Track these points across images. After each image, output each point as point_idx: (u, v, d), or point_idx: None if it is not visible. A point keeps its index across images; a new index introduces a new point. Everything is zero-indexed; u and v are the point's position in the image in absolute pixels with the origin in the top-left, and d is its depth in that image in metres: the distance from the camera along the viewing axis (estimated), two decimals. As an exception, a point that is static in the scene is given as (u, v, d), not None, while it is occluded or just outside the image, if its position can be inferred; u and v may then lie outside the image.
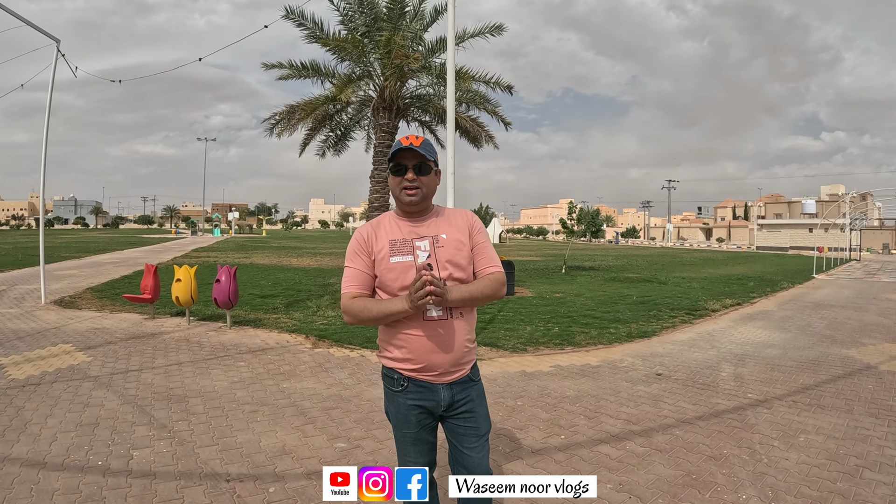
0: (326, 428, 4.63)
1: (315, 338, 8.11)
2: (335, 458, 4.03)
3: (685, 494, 3.63)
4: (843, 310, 13.00)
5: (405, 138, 2.29)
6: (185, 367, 6.39)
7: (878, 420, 5.15)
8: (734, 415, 5.24)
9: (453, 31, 7.49)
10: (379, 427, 4.68)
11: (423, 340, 2.23)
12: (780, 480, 3.85)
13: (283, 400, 5.30)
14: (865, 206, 67.82)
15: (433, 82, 12.90)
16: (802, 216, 77.11)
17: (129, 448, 4.05)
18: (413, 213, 2.35)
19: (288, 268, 21.08)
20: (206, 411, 4.91)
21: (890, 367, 7.26)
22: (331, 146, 14.54)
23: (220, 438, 4.30)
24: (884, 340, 9.10)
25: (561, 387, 6.03)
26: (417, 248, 2.28)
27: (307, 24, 11.86)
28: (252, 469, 3.80)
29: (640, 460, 4.16)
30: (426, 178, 2.30)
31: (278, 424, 4.66)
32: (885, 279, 23.12)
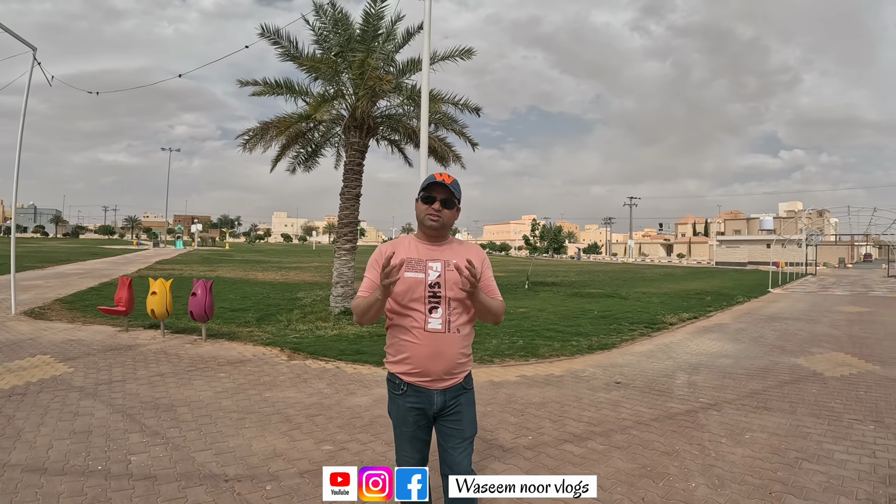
0: (312, 433, 4.89)
1: (290, 350, 8.32)
2: (324, 459, 4.29)
3: (641, 483, 4.06)
4: (795, 322, 13.76)
5: (439, 174, 2.62)
6: (167, 378, 6.54)
7: (819, 419, 5.70)
8: (687, 417, 5.72)
9: (427, 61, 7.89)
10: (361, 431, 4.98)
11: (421, 349, 2.53)
12: (727, 471, 4.31)
13: (267, 408, 5.53)
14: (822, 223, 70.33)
15: (404, 103, 13.22)
16: (761, 232, 79.19)
17: (125, 453, 4.23)
18: (431, 237, 2.66)
19: (254, 282, 21.10)
20: (195, 419, 5.10)
21: (834, 373, 7.90)
22: (301, 162, 14.73)
23: (212, 443, 4.52)
24: (831, 350, 9.78)
25: (527, 394, 6.41)
26: (430, 267, 2.58)
27: (282, 43, 12.12)
28: (248, 470, 4.03)
29: (601, 456, 4.58)
30: (448, 212, 2.64)
31: (266, 430, 4.90)
32: (839, 293, 24.23)
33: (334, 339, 9.37)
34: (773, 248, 43.79)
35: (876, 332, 12.11)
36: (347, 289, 12.71)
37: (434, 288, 2.56)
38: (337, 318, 11.56)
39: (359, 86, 11.58)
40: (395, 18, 12.32)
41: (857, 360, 8.82)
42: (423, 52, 7.86)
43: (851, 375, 7.77)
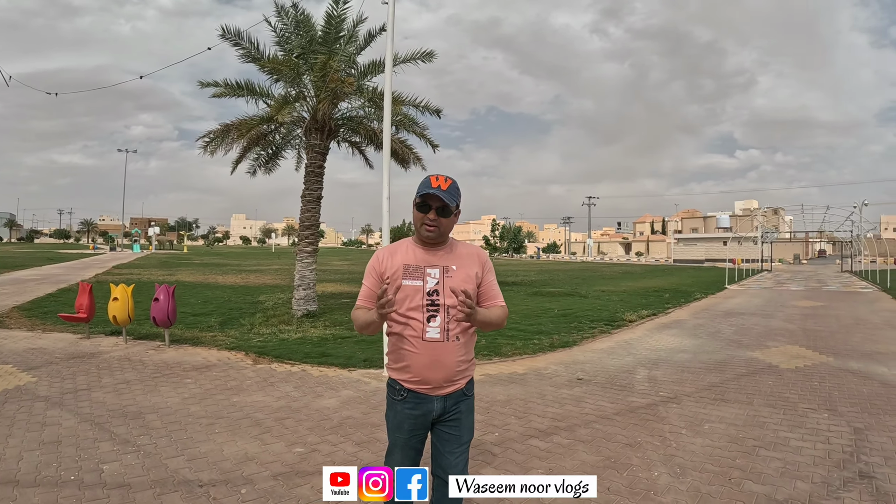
0: (283, 436, 4.94)
1: (255, 354, 8.30)
2: (295, 461, 4.36)
3: (606, 474, 4.25)
4: (751, 317, 14.26)
5: (435, 179, 2.53)
6: (133, 385, 6.47)
7: (775, 409, 6.02)
8: (647, 410, 5.97)
9: (390, 64, 7.95)
10: (331, 433, 5.06)
11: (421, 358, 2.50)
12: (687, 460, 4.55)
13: (236, 413, 5.55)
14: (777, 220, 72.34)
15: (365, 105, 13.26)
16: (717, 230, 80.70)
17: (97, 462, 4.20)
18: (430, 244, 2.61)
19: (215, 285, 20.80)
20: (164, 426, 5.09)
21: (790, 365, 8.28)
22: (262, 164, 14.62)
23: (184, 449, 4.52)
24: (786, 343, 10.22)
25: (491, 392, 6.57)
26: (428, 274, 2.54)
27: (244, 45, 12.06)
28: (221, 475, 4.06)
29: (566, 450, 4.77)
30: (446, 220, 2.56)
31: (237, 435, 4.92)
32: (794, 288, 25.07)
33: (298, 342, 9.39)
34: (730, 246, 45.04)
35: (829, 326, 12.68)
36: (310, 291, 12.70)
37: (432, 296, 2.52)
38: (300, 322, 11.56)
39: (320, 88, 11.59)
40: (357, 20, 12.37)
41: (811, 353, 9.26)
42: (387, 54, 7.91)
43: (806, 367, 8.16)
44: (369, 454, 4.58)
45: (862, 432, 5.28)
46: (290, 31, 12.29)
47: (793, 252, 73.03)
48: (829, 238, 61.98)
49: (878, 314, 15.03)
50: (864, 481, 4.17)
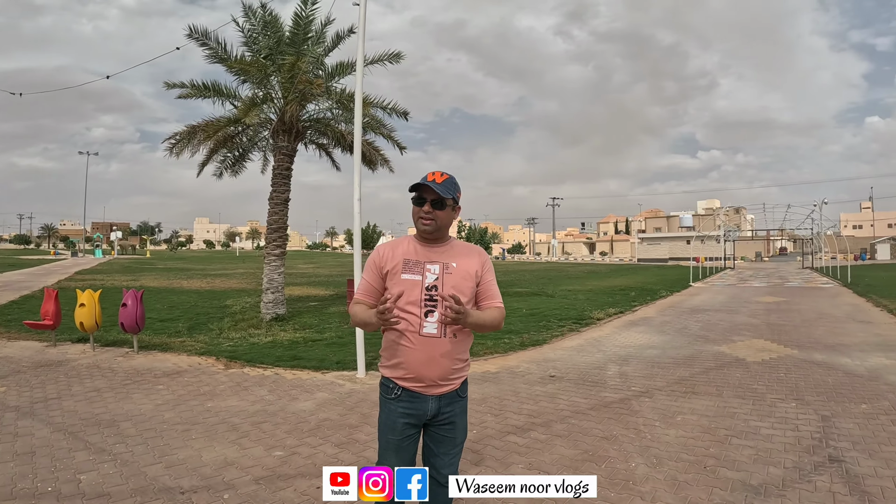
0: (261, 440, 4.91)
1: (226, 359, 8.20)
2: (276, 464, 4.35)
3: (585, 467, 4.37)
4: (716, 313, 14.63)
5: (431, 174, 2.53)
6: (104, 392, 6.33)
7: (744, 400, 6.24)
8: (621, 404, 6.12)
9: (361, 67, 7.95)
10: (309, 435, 5.06)
11: (416, 353, 2.46)
12: (663, 451, 4.70)
13: (212, 418, 5.48)
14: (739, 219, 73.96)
15: (332, 106, 13.20)
16: (680, 229, 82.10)
17: (74, 472, 4.11)
18: (429, 239, 2.59)
19: (180, 290, 20.46)
20: (139, 433, 5.00)
21: (756, 358, 8.56)
22: (228, 167, 14.41)
23: (162, 456, 4.46)
24: (752, 337, 10.55)
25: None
26: (427, 270, 2.52)
27: (210, 45, 11.90)
28: (202, 481, 4.02)
29: (544, 445, 4.87)
30: (442, 213, 2.53)
31: (214, 440, 4.87)
32: (757, 284, 25.76)
33: (269, 345, 9.31)
34: (693, 245, 45.84)
35: (792, 320, 13.12)
36: (278, 295, 12.59)
37: (431, 291, 2.50)
38: (269, 325, 11.45)
39: (289, 89, 11.50)
40: (325, 21, 12.31)
41: (776, 346, 9.57)
42: (358, 56, 7.91)
43: (772, 360, 8.45)
44: (349, 455, 4.59)
45: (829, 419, 5.52)
46: (257, 31, 12.18)
47: (755, 250, 74.84)
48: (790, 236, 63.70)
49: (839, 308, 15.58)
50: (833, 465, 4.36)
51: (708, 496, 3.85)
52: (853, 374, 7.41)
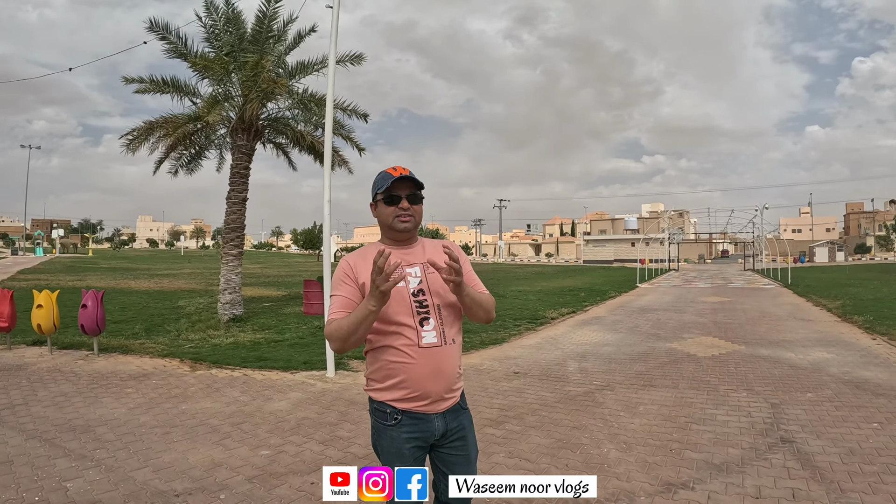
0: (244, 440, 4.92)
1: (191, 361, 8.11)
2: (265, 463, 4.38)
3: (561, 454, 4.66)
4: (665, 312, 15.23)
5: (393, 169, 2.29)
6: (72, 397, 6.16)
7: (699, 391, 6.68)
8: (585, 397, 6.44)
9: (333, 68, 8.00)
10: (292, 433, 5.11)
11: (418, 368, 2.20)
12: (630, 437, 5.04)
13: (189, 420, 5.44)
14: (682, 222, 76.30)
15: (292, 106, 13.13)
16: (625, 232, 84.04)
17: (59, 481, 4.00)
18: (401, 240, 2.35)
19: (129, 291, 19.92)
20: (118, 438, 4.92)
21: (706, 354, 9.06)
22: (184, 164, 14.11)
23: (147, 460, 4.41)
24: (700, 335, 11.11)
25: None
26: (409, 274, 2.27)
27: (171, 39, 11.68)
28: (194, 483, 4.00)
29: (520, 435, 5.11)
30: (418, 207, 2.33)
31: (197, 442, 4.85)
32: (701, 285, 26.79)
33: (232, 347, 9.24)
34: (638, 247, 47.37)
35: (738, 318, 13.84)
36: (236, 295, 12.49)
37: (419, 296, 2.26)
38: (228, 326, 11.34)
39: (250, 88, 11.37)
40: (288, 20, 12.24)
41: (724, 342, 10.11)
42: (330, 59, 7.94)
43: (721, 355, 8.95)
44: (336, 451, 4.68)
45: (778, 406, 5.99)
46: (219, 27, 12.01)
47: (698, 252, 77.51)
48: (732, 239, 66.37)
49: (781, 307, 16.50)
50: (786, 445, 4.80)
51: (676, 474, 4.21)
52: (797, 367, 7.96)
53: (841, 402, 6.12)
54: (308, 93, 12.69)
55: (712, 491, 3.92)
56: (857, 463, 4.36)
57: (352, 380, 7.26)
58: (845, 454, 4.55)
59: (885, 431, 5.11)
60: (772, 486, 3.98)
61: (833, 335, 10.93)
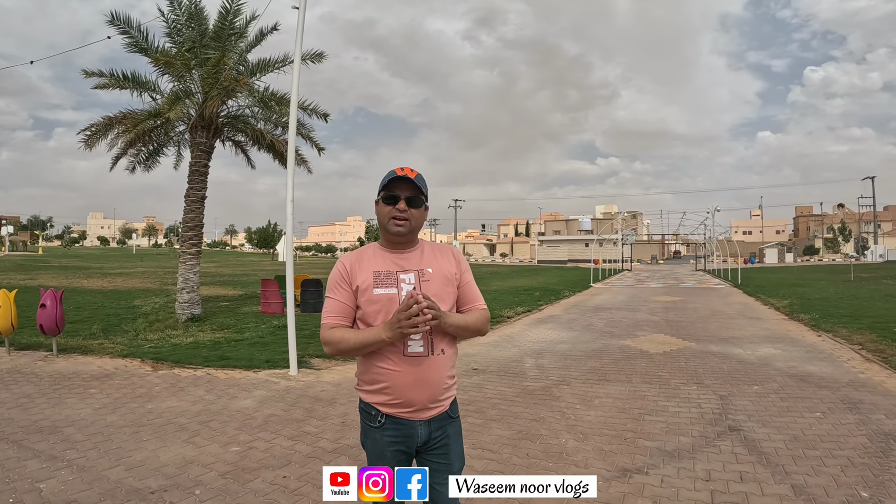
0: (214, 437, 5.00)
1: (152, 361, 8.08)
2: (237, 459, 4.48)
3: (522, 444, 4.92)
4: (618, 311, 15.74)
5: (399, 168, 2.25)
6: (36, 399, 6.10)
7: (651, 385, 7.05)
8: (543, 392, 6.74)
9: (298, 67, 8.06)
10: (261, 430, 5.22)
11: (402, 376, 2.19)
12: (587, 428, 5.35)
13: (157, 419, 5.47)
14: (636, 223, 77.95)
15: (252, 104, 13.07)
16: (579, 232, 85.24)
17: (31, 482, 3.99)
18: (398, 244, 2.30)
19: (82, 290, 19.47)
20: (87, 438, 4.92)
21: (658, 350, 9.51)
22: (142, 161, 13.90)
23: (119, 459, 4.43)
24: (652, 332, 11.59)
25: None
26: (402, 280, 2.23)
27: (132, 33, 11.53)
28: (167, 480, 4.07)
29: (482, 428, 5.35)
30: (416, 212, 2.26)
31: (167, 440, 4.90)
32: (653, 285, 27.58)
33: (192, 346, 9.23)
34: (592, 247, 48.21)
35: (689, 317, 14.43)
36: (194, 295, 12.39)
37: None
38: (186, 326, 11.27)
39: (211, 85, 11.29)
40: (251, 17, 12.19)
41: (675, 340, 10.59)
42: (296, 58, 7.98)
43: (672, 351, 9.40)
44: (305, 447, 4.80)
45: (727, 398, 6.41)
46: (181, 22, 11.87)
47: (650, 253, 79.39)
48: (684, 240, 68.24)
49: (731, 306, 17.24)
50: (734, 433, 5.18)
51: (632, 461, 4.52)
52: (745, 362, 8.45)
53: (786, 394, 6.58)
54: (269, 91, 12.67)
55: (665, 475, 4.23)
56: (801, 448, 4.75)
57: (314, 377, 7.38)
58: (790, 440, 4.95)
59: (828, 420, 5.55)
60: (721, 470, 4.32)
61: (780, 332, 11.54)
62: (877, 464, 4.39)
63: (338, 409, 5.97)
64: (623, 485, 4.07)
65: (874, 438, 4.98)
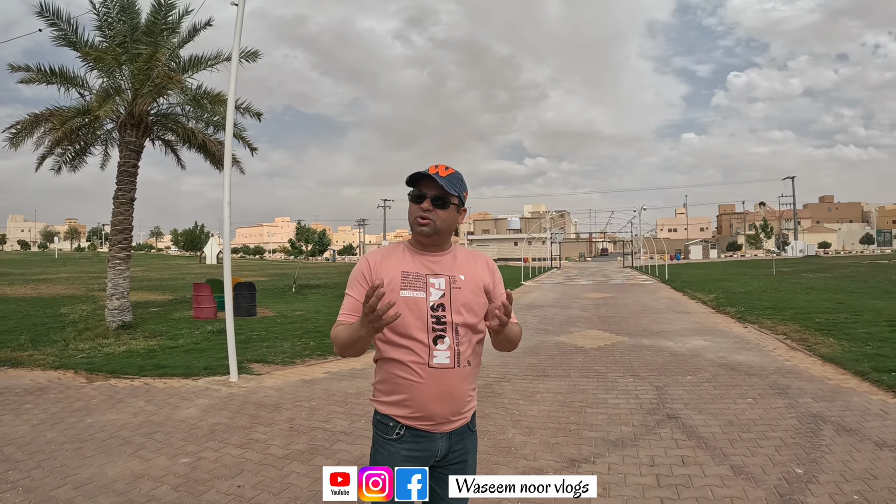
0: (160, 449, 4.90)
1: (86, 372, 7.80)
2: (187, 471, 4.41)
3: None
4: (551, 308, 16.21)
5: (434, 167, 2.11)
6: None
7: (589, 379, 7.40)
8: (484, 388, 6.93)
9: (236, 66, 7.94)
10: (208, 439, 5.17)
11: (425, 389, 2.04)
12: (532, 422, 5.60)
13: (99, 433, 5.32)
14: (564, 222, 79.50)
15: (183, 102, 12.72)
16: (508, 231, 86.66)
17: None
18: (427, 245, 2.16)
19: (5, 298, 18.49)
20: (28, 457, 4.72)
21: (593, 345, 9.92)
22: (68, 161, 13.27)
23: (65, 478, 4.28)
24: (586, 328, 12.05)
25: (341, 387, 7.12)
26: (431, 285, 2.08)
27: (62, 26, 11.02)
28: (118, 497, 3.97)
29: (431, 426, 5.43)
30: (444, 213, 2.11)
31: (112, 455, 4.77)
32: (583, 282, 28.43)
33: (126, 355, 8.95)
34: (521, 246, 49.03)
35: (620, 312, 15.06)
36: (124, 301, 11.98)
37: (438, 311, 2.06)
38: (118, 334, 10.89)
39: (143, 81, 10.89)
40: (184, 12, 11.83)
41: (608, 335, 11.08)
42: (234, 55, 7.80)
43: (607, 346, 9.84)
44: (256, 454, 4.80)
45: (662, 389, 6.84)
46: (113, 16, 11.40)
47: (578, 251, 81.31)
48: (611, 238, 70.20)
49: (660, 301, 18.09)
50: (672, 420, 5.58)
51: (578, 451, 4.80)
52: (677, 354, 8.98)
53: (718, 383, 7.08)
54: (202, 89, 12.38)
55: (612, 462, 4.53)
56: (737, 432, 5.18)
57: (256, 383, 7.34)
58: (725, 425, 5.37)
59: (759, 405, 6.04)
60: (663, 455, 4.66)
61: (708, 325, 12.24)
62: (808, 443, 4.85)
63: (283, 414, 5.98)
64: (573, 474, 4.25)
65: (803, 420, 5.48)
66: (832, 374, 7.39)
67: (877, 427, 5.22)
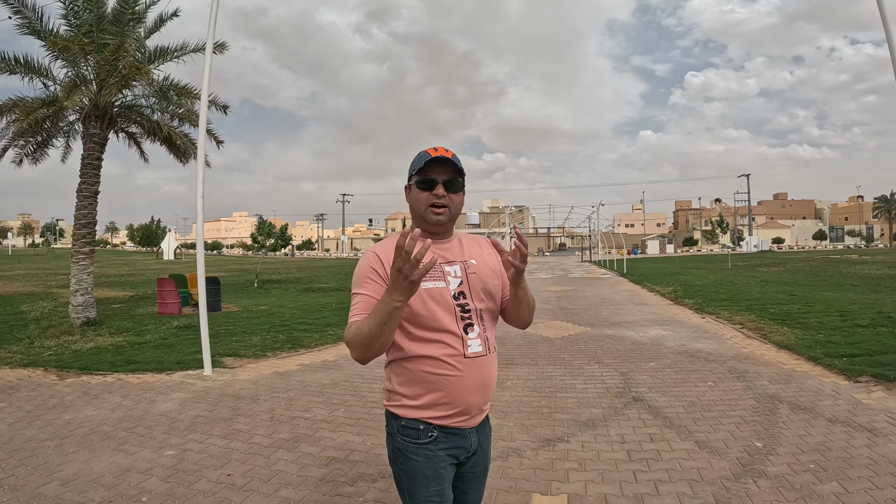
0: (143, 443, 4.92)
1: (56, 369, 7.69)
2: (174, 463, 4.46)
3: None
4: (512, 301, 16.35)
5: (434, 149, 1.98)
6: None
7: (556, 366, 7.71)
8: None
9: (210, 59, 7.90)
10: (190, 431, 5.22)
11: (463, 381, 1.91)
12: (506, 407, 5.86)
13: (79, 429, 5.30)
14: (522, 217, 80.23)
15: (149, 94, 12.54)
16: (468, 226, 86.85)
17: None
18: (436, 234, 2.02)
19: (-44, 296, 17.69)
20: (10, 455, 4.67)
21: (557, 335, 10.29)
22: (29, 154, 12.97)
23: (51, 475, 4.26)
24: (549, 319, 12.43)
25: (315, 378, 7.24)
26: (448, 273, 1.97)
27: (26, 14, 10.75)
28: (109, 491, 3.98)
29: (409, 414, 5.65)
30: (456, 197, 1.99)
31: (95, 451, 4.76)
32: (543, 276, 28.92)
33: (94, 351, 8.86)
34: (481, 241, 49.51)
35: (581, 304, 15.54)
36: (89, 297, 11.80)
37: (460, 299, 1.95)
38: (83, 331, 10.75)
39: (109, 72, 10.71)
40: (150, 2, 11.68)
41: (571, 325, 11.50)
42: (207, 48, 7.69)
43: (571, 336, 10.23)
44: (241, 444, 4.89)
45: (627, 374, 7.19)
46: (79, 4, 11.12)
47: (537, 246, 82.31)
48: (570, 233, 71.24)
49: (619, 294, 18.67)
50: (638, 403, 5.93)
51: (552, 431, 5.10)
52: (639, 343, 9.39)
53: (679, 368, 7.46)
54: (169, 81, 12.24)
55: (585, 441, 4.83)
56: (699, 412, 5.55)
57: (231, 376, 7.39)
58: (688, 406, 5.75)
59: (719, 388, 6.44)
60: (632, 433, 5.00)
61: (667, 316, 12.74)
62: (766, 420, 5.23)
63: (262, 405, 6.06)
64: (549, 452, 4.59)
65: (761, 400, 5.88)
66: (787, 359, 7.82)
67: (829, 406, 5.62)
